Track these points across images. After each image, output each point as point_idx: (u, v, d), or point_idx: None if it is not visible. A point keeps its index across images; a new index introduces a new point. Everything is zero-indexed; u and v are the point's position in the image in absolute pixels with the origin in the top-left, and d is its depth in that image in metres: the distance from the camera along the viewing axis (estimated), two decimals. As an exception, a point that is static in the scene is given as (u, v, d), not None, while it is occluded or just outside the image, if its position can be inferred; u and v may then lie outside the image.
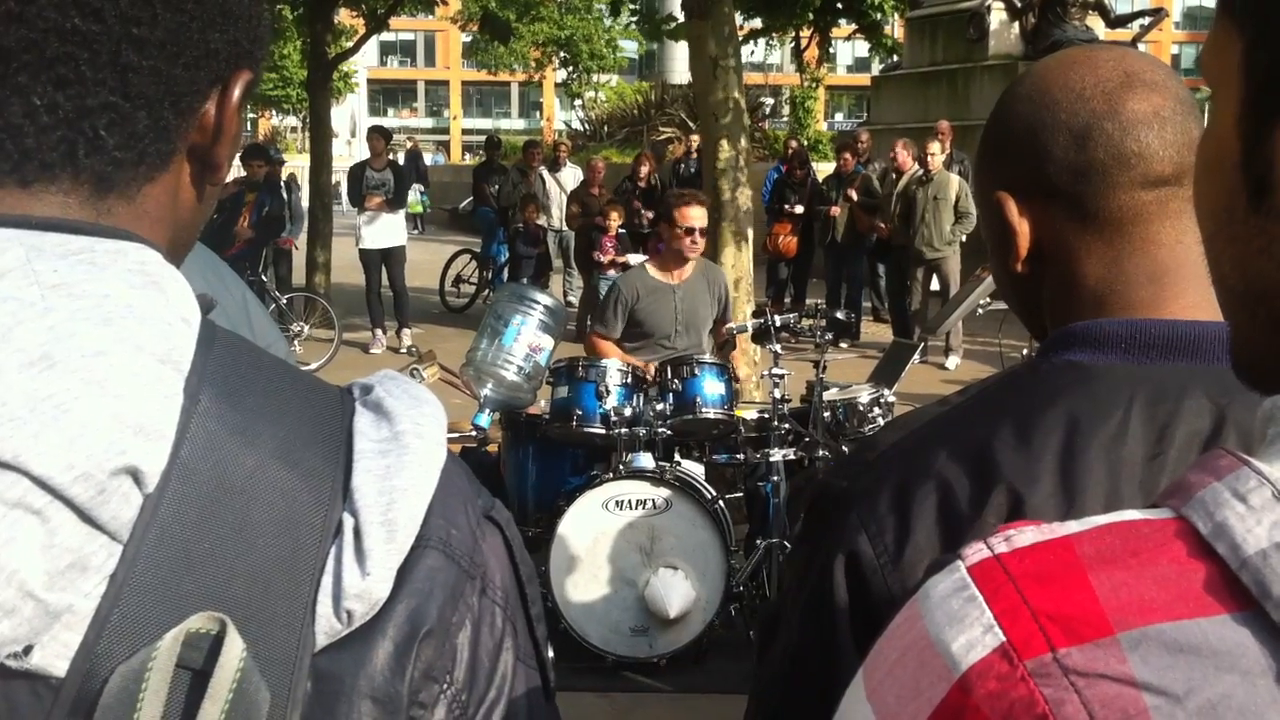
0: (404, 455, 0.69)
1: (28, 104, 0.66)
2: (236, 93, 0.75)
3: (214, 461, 0.64)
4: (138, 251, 0.68)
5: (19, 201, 0.68)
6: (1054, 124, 0.95)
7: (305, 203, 12.67)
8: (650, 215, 12.70)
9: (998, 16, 15.05)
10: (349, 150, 34.34)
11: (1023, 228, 0.97)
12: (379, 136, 11.53)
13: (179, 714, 0.60)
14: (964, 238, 10.26)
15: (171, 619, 0.61)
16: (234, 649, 0.61)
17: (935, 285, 10.47)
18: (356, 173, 11.48)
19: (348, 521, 0.66)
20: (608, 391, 4.95)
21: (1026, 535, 0.50)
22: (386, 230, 11.24)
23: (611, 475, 4.68)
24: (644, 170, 13.26)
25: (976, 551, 0.50)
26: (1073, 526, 0.50)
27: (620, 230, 11.29)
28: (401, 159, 18.59)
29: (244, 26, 0.75)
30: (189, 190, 0.76)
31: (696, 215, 5.46)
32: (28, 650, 0.60)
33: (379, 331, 11.37)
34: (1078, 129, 0.94)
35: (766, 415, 5.04)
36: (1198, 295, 0.93)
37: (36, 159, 0.68)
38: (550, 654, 0.79)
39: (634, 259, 9.37)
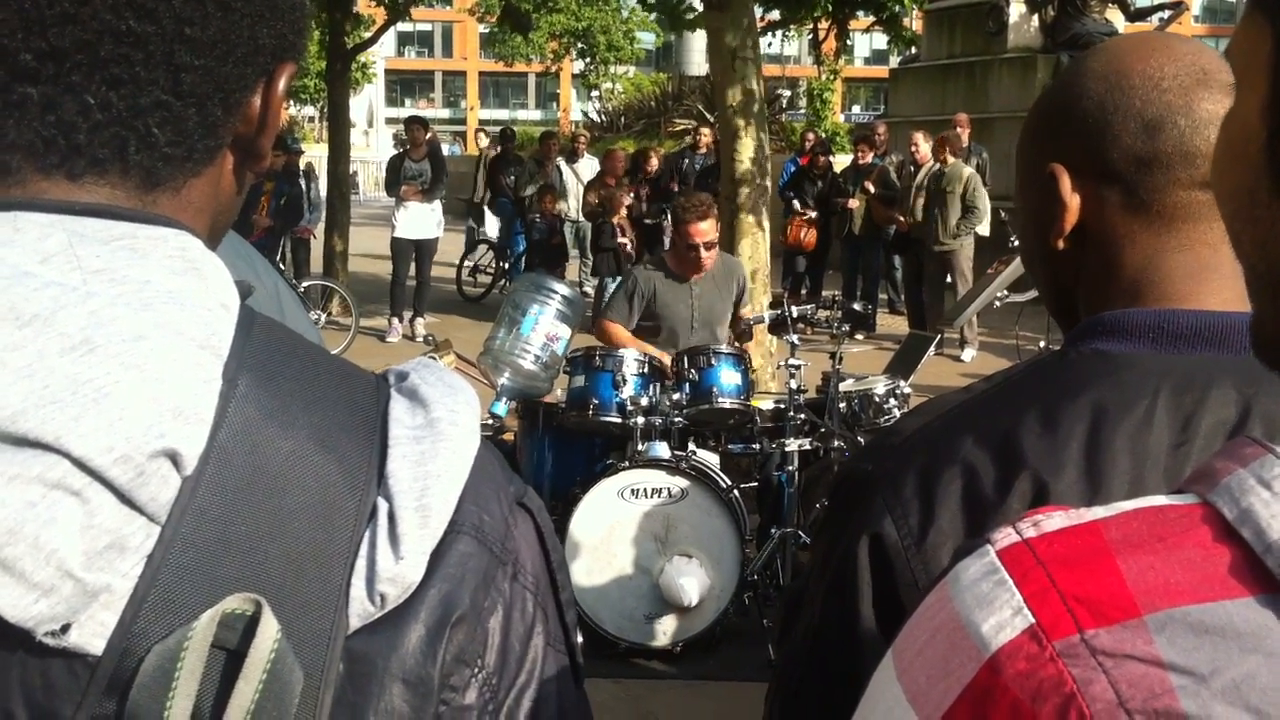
0: (438, 442, 0.69)
1: (81, 103, 0.67)
2: (282, 85, 0.75)
3: (251, 445, 0.65)
4: (178, 238, 0.69)
5: (66, 192, 0.68)
6: (1127, 108, 0.94)
7: (323, 192, 12.70)
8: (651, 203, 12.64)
9: (1017, 9, 14.96)
10: (366, 140, 34.35)
11: (1073, 203, 0.96)
12: (419, 126, 11.53)
13: (214, 693, 0.61)
14: (971, 231, 10.18)
15: (207, 600, 0.62)
16: (269, 630, 0.61)
17: (946, 278, 10.44)
18: (395, 162, 11.52)
19: (382, 506, 0.67)
20: (624, 381, 4.96)
21: (1055, 520, 0.50)
22: (422, 221, 11.23)
23: (627, 464, 4.68)
24: (653, 165, 13.13)
25: (1006, 536, 0.51)
26: (1100, 512, 0.50)
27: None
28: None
29: (289, 19, 0.75)
30: (230, 180, 0.77)
31: (705, 230, 5.29)
32: (65, 629, 0.60)
33: (396, 320, 11.38)
34: (1151, 118, 0.93)
35: (782, 405, 5.04)
36: (1233, 293, 0.92)
37: (87, 154, 0.68)
38: (580, 640, 0.79)
39: None
